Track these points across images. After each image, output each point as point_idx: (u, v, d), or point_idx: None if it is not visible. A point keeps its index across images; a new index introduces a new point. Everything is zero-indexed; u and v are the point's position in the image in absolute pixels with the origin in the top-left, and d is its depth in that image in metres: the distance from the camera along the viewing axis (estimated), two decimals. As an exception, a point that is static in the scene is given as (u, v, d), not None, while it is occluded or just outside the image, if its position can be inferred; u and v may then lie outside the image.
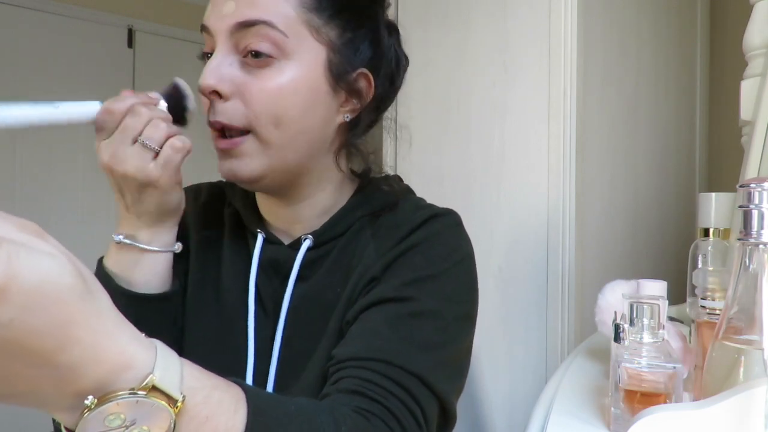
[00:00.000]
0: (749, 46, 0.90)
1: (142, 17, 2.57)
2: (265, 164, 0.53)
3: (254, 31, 0.51)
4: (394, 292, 0.52)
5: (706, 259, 0.77)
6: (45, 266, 0.27)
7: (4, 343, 0.26)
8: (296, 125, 0.53)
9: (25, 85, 2.28)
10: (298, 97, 0.52)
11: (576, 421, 0.52)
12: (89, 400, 0.29)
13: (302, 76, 0.53)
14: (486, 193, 1.17)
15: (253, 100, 0.52)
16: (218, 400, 0.35)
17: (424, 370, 0.48)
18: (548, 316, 1.08)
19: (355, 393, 0.45)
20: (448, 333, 0.52)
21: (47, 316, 0.26)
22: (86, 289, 0.29)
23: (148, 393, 0.30)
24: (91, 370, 0.29)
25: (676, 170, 1.43)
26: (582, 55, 1.07)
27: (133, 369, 0.30)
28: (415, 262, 0.54)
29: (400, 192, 0.62)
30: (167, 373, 0.32)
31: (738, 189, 0.43)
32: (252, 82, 0.52)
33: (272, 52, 0.51)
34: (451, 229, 0.58)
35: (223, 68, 0.52)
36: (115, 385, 0.30)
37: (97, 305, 0.29)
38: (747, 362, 0.41)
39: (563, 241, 1.06)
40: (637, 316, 0.49)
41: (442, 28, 1.26)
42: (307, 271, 0.58)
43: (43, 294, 0.26)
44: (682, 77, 1.45)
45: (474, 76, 1.20)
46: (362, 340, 0.49)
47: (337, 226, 0.59)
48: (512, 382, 1.12)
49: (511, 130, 1.14)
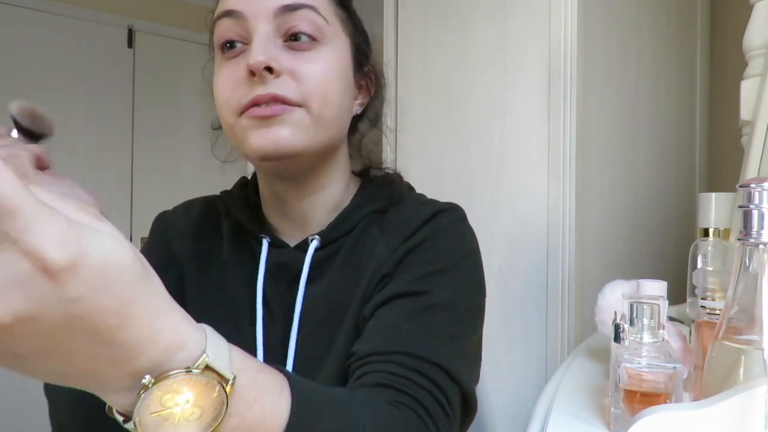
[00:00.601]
0: (749, 46, 0.90)
1: (142, 17, 2.57)
2: (310, 139, 0.53)
3: (299, 14, 0.53)
4: (408, 287, 0.53)
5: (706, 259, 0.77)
6: (109, 246, 0.27)
7: (71, 318, 0.26)
8: (338, 106, 0.55)
9: (25, 85, 2.28)
10: (339, 80, 0.55)
11: (576, 421, 0.52)
12: (146, 379, 0.29)
13: (339, 60, 0.55)
14: (486, 193, 1.17)
15: (304, 78, 0.53)
16: (264, 382, 0.36)
17: (446, 361, 0.49)
18: (548, 316, 1.08)
19: (382, 386, 0.46)
20: (462, 324, 0.53)
21: (111, 294, 0.27)
22: (144, 271, 0.29)
23: (202, 372, 0.31)
24: (148, 348, 0.29)
25: (676, 170, 1.43)
26: (582, 55, 1.07)
27: (187, 349, 0.31)
28: (425, 257, 0.55)
29: (403, 188, 0.64)
30: (218, 353, 0.32)
31: (738, 189, 0.43)
32: (300, 62, 0.53)
33: (315, 35, 0.53)
34: (457, 224, 0.60)
35: (271, 49, 0.52)
36: (171, 364, 0.30)
37: (153, 287, 0.30)
38: (747, 362, 0.41)
39: (563, 241, 1.06)
40: (637, 316, 0.49)
41: (442, 28, 1.26)
42: (316, 273, 0.58)
43: (108, 273, 0.27)
44: (682, 77, 1.45)
45: (474, 76, 1.20)
46: (381, 334, 0.50)
47: (344, 225, 0.59)
48: (512, 382, 1.12)
49: (511, 130, 1.14)
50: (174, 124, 2.60)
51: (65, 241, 0.25)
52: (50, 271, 0.25)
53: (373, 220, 0.60)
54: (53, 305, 0.25)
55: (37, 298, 0.25)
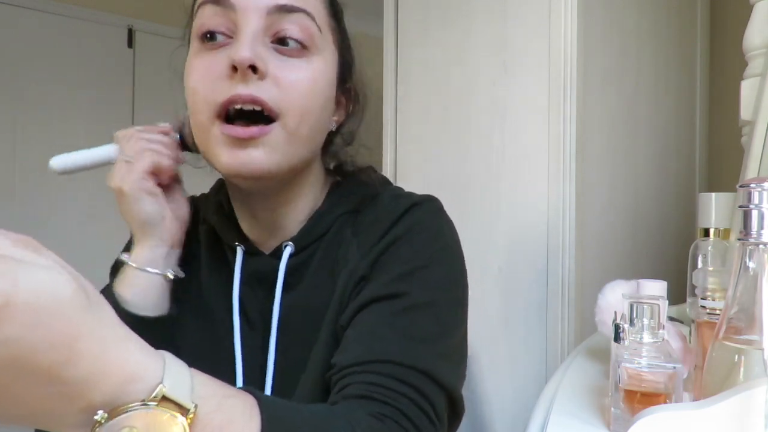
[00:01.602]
0: (749, 46, 0.90)
1: (142, 17, 2.57)
2: (283, 158, 0.51)
3: (293, 18, 0.50)
4: (385, 290, 0.51)
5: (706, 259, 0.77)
6: (44, 281, 0.26)
7: (10, 360, 0.25)
8: (315, 122, 0.53)
9: (26, 85, 2.28)
10: (321, 95, 0.53)
11: (576, 421, 0.52)
12: (99, 414, 0.28)
13: (325, 73, 0.53)
14: (486, 193, 1.17)
15: (287, 87, 0.50)
16: (231, 407, 0.34)
17: (429, 365, 0.47)
18: (548, 316, 1.08)
19: (364, 398, 0.44)
20: (444, 322, 0.51)
21: (50, 331, 0.26)
22: (87, 302, 0.28)
23: (159, 404, 0.30)
24: (99, 383, 0.28)
25: (676, 170, 1.43)
26: (582, 55, 1.07)
27: (142, 380, 0.30)
28: (401, 255, 0.53)
29: (377, 184, 0.60)
30: (177, 382, 0.31)
31: (738, 189, 0.43)
32: (286, 69, 0.50)
33: (306, 43, 0.51)
34: (432, 216, 0.57)
35: (258, 48, 0.49)
36: (125, 397, 0.29)
37: (101, 317, 0.29)
38: (747, 362, 0.41)
39: (563, 241, 1.06)
40: (637, 316, 0.49)
41: (442, 28, 1.26)
42: (292, 279, 0.56)
43: (44, 309, 0.26)
44: (682, 77, 1.45)
45: (474, 75, 1.20)
46: (361, 343, 0.48)
47: (316, 229, 0.57)
48: (512, 382, 1.12)
49: (511, 130, 1.14)
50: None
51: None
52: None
53: (346, 222, 0.58)
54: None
55: None
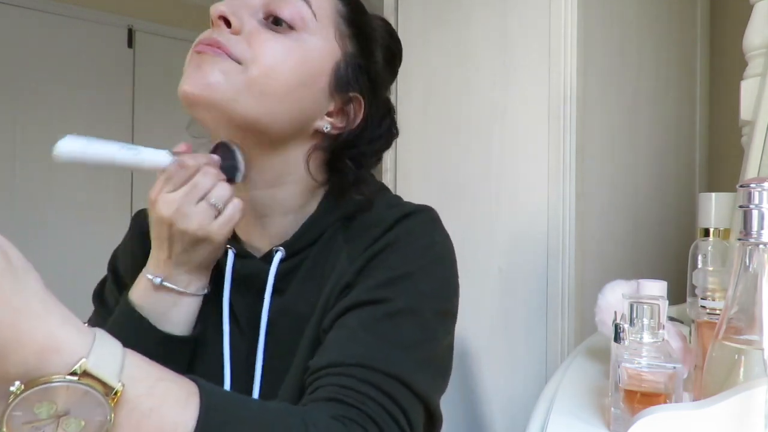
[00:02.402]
0: (749, 46, 0.90)
1: (142, 17, 2.57)
2: (236, 95, 0.50)
3: (289, 0, 0.52)
4: (368, 295, 0.50)
5: (706, 259, 0.77)
6: None
7: None
8: (285, 88, 0.51)
9: (26, 85, 2.28)
10: (300, 68, 0.52)
11: (576, 421, 0.52)
12: (15, 385, 0.27)
13: (315, 55, 0.53)
14: (486, 194, 1.17)
15: (258, 45, 0.50)
16: (165, 391, 0.33)
17: (404, 372, 0.46)
18: (548, 316, 1.08)
19: (332, 400, 0.43)
20: (427, 330, 0.50)
21: None
22: (8, 267, 0.27)
23: (80, 378, 0.28)
24: (13, 351, 0.27)
25: (676, 170, 1.43)
26: (582, 55, 1.07)
27: (62, 352, 0.29)
28: (389, 263, 0.52)
29: (372, 192, 0.59)
30: (104, 359, 0.30)
31: (738, 189, 0.43)
32: (265, 34, 0.51)
33: (296, 24, 0.52)
34: (426, 226, 0.56)
35: (242, 9, 0.51)
36: (44, 369, 0.28)
37: (22, 284, 0.28)
38: (747, 362, 0.41)
39: (563, 241, 1.06)
40: (637, 316, 0.48)
41: (442, 28, 1.26)
42: (282, 284, 0.56)
43: None
44: (682, 77, 1.45)
45: (474, 76, 1.20)
46: (338, 346, 0.47)
47: (308, 234, 0.57)
48: (512, 382, 1.12)
49: (511, 130, 1.14)
50: (174, 124, 2.60)
51: None
52: None
53: (339, 228, 0.57)
54: None
55: None
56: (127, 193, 2.51)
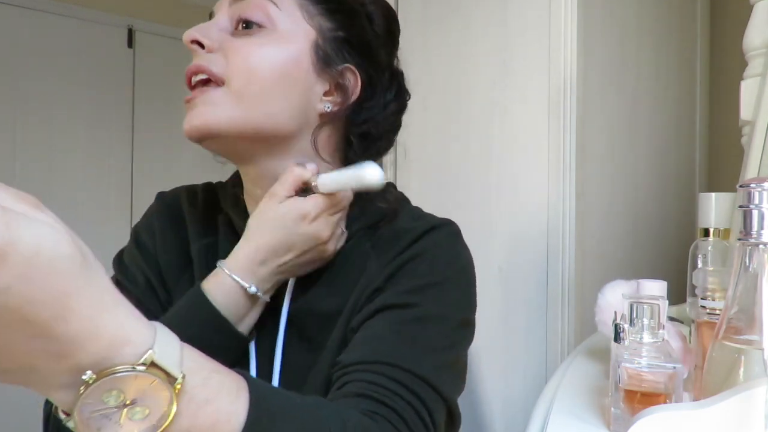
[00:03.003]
0: (749, 46, 0.90)
1: (143, 17, 2.57)
2: (232, 115, 0.53)
3: (249, 2, 0.54)
4: (397, 299, 0.52)
5: (706, 259, 0.77)
6: (43, 235, 0.26)
7: (1, 310, 0.25)
8: (269, 84, 0.54)
9: (25, 85, 2.28)
10: (276, 59, 0.54)
11: (576, 421, 0.52)
12: (87, 375, 0.28)
13: (288, 46, 0.55)
14: (486, 193, 1.17)
15: (233, 54, 0.53)
16: (218, 383, 0.35)
17: (431, 373, 0.48)
18: (548, 316, 1.08)
19: (362, 396, 0.45)
20: (451, 338, 0.53)
21: (44, 284, 0.26)
22: (84, 262, 0.29)
23: (147, 369, 0.30)
24: (89, 343, 0.28)
25: (676, 170, 1.43)
26: (582, 55, 1.07)
27: (131, 344, 0.30)
28: (418, 271, 0.54)
29: (396, 202, 0.62)
30: (166, 350, 0.31)
31: (738, 189, 0.43)
32: (237, 42, 0.54)
33: (263, 21, 0.54)
34: (451, 239, 0.59)
35: (211, 29, 0.55)
36: (114, 360, 0.29)
37: (95, 279, 0.29)
38: (747, 362, 0.41)
39: (563, 241, 1.06)
40: (637, 316, 0.48)
41: (442, 28, 1.26)
42: (305, 283, 0.57)
43: (41, 262, 0.26)
44: (682, 77, 1.45)
45: (474, 75, 1.20)
46: (367, 345, 0.50)
47: None
48: (512, 382, 1.12)
49: (511, 130, 1.14)
50: (174, 124, 2.59)
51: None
52: None
53: (365, 235, 0.59)
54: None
55: None
56: (128, 193, 2.51)
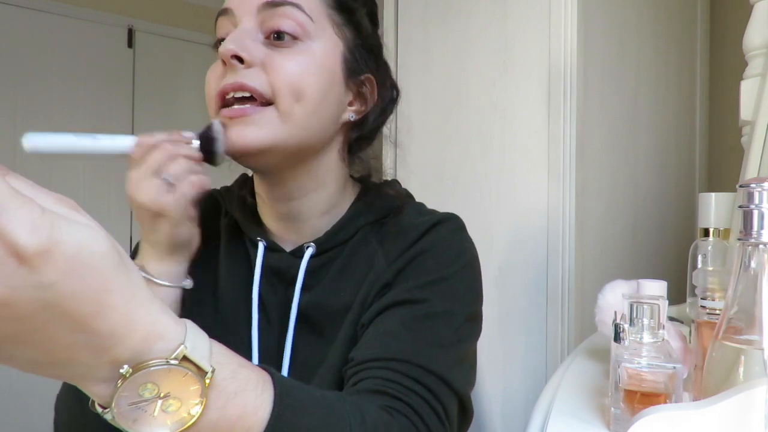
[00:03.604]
0: (749, 46, 0.90)
1: (142, 17, 2.57)
2: (279, 135, 0.53)
3: (281, 11, 0.52)
4: (407, 295, 0.53)
5: (706, 259, 0.77)
6: (84, 235, 0.28)
7: (46, 305, 0.27)
8: (315, 103, 0.54)
9: (25, 85, 2.28)
10: (319, 77, 0.54)
11: (576, 421, 0.52)
12: (124, 369, 0.30)
13: (324, 57, 0.54)
14: (486, 193, 1.17)
15: (276, 70, 0.52)
16: (245, 377, 0.36)
17: (443, 369, 0.49)
18: (548, 316, 1.08)
19: (377, 392, 0.46)
20: (460, 332, 0.53)
21: (86, 281, 0.27)
22: (120, 260, 0.30)
23: (180, 363, 0.31)
24: (126, 337, 0.29)
25: (676, 170, 1.43)
26: (582, 55, 1.07)
27: (165, 339, 0.31)
28: (426, 266, 0.55)
29: (401, 197, 0.63)
30: (197, 345, 0.32)
31: (738, 189, 0.43)
32: (275, 56, 0.52)
33: (297, 33, 0.53)
34: (457, 234, 0.60)
35: (246, 39, 0.52)
36: (149, 354, 0.30)
37: (131, 276, 0.30)
38: (747, 362, 0.41)
39: (563, 241, 1.06)
40: (637, 316, 0.49)
41: (442, 27, 1.26)
42: (311, 279, 0.58)
43: (82, 260, 0.27)
44: (682, 77, 1.45)
45: (474, 75, 1.20)
46: (380, 342, 0.50)
47: (341, 234, 0.59)
48: (512, 382, 1.12)
49: (511, 129, 1.14)
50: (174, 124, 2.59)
51: (37, 227, 0.25)
52: (22, 256, 0.25)
53: (371, 230, 0.60)
54: (26, 290, 0.26)
55: (10, 283, 0.25)
56: (127, 193, 2.51)
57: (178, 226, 0.53)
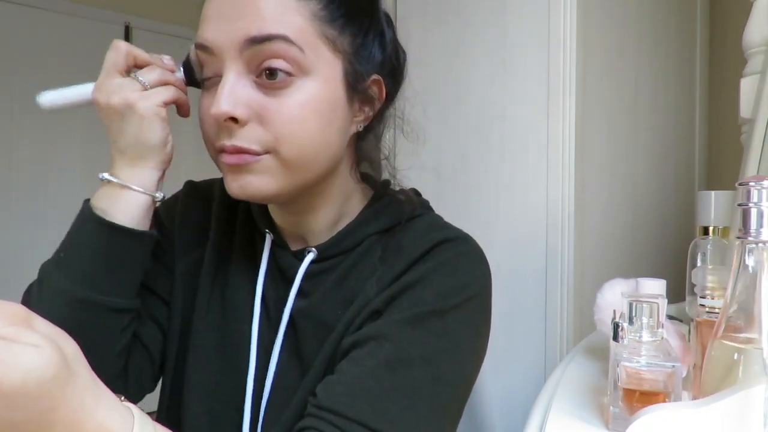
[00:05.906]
0: (749, 44, 0.90)
1: (139, 14, 2.56)
2: (282, 183, 0.50)
3: (268, 47, 0.47)
4: (392, 329, 0.49)
5: (705, 257, 0.77)
6: (30, 363, 0.29)
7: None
8: (317, 144, 0.50)
9: (21, 82, 2.27)
10: (319, 116, 0.49)
11: (575, 420, 0.52)
12: None
13: (323, 92, 0.49)
14: (485, 192, 1.17)
15: (273, 122, 0.48)
16: None
17: (393, 429, 0.45)
18: (547, 315, 1.08)
19: None
20: (442, 380, 0.49)
21: (30, 409, 0.29)
22: (69, 374, 0.31)
23: None
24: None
25: (676, 168, 1.43)
26: (581, 53, 1.07)
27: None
28: (420, 297, 0.50)
29: (415, 207, 0.59)
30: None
31: (737, 187, 0.43)
32: (270, 104, 0.48)
33: (290, 70, 0.47)
34: (463, 258, 0.54)
35: (237, 92, 0.48)
36: None
37: (79, 385, 0.32)
38: (746, 361, 0.41)
39: (562, 240, 1.06)
40: (636, 314, 0.48)
41: (441, 25, 1.26)
42: (309, 285, 0.56)
43: (26, 392, 0.29)
44: (682, 75, 1.44)
45: (473, 74, 1.20)
46: (344, 389, 0.46)
47: (344, 242, 0.56)
48: (511, 381, 1.12)
49: (511, 128, 1.14)
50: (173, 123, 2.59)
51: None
52: None
53: (378, 241, 0.56)
54: None
55: None
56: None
57: (148, 122, 0.52)
